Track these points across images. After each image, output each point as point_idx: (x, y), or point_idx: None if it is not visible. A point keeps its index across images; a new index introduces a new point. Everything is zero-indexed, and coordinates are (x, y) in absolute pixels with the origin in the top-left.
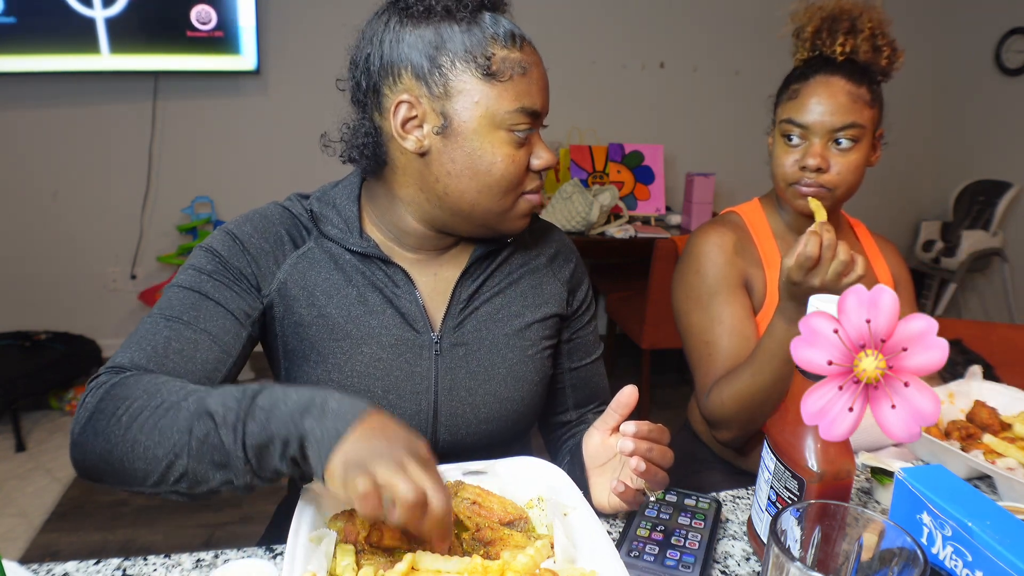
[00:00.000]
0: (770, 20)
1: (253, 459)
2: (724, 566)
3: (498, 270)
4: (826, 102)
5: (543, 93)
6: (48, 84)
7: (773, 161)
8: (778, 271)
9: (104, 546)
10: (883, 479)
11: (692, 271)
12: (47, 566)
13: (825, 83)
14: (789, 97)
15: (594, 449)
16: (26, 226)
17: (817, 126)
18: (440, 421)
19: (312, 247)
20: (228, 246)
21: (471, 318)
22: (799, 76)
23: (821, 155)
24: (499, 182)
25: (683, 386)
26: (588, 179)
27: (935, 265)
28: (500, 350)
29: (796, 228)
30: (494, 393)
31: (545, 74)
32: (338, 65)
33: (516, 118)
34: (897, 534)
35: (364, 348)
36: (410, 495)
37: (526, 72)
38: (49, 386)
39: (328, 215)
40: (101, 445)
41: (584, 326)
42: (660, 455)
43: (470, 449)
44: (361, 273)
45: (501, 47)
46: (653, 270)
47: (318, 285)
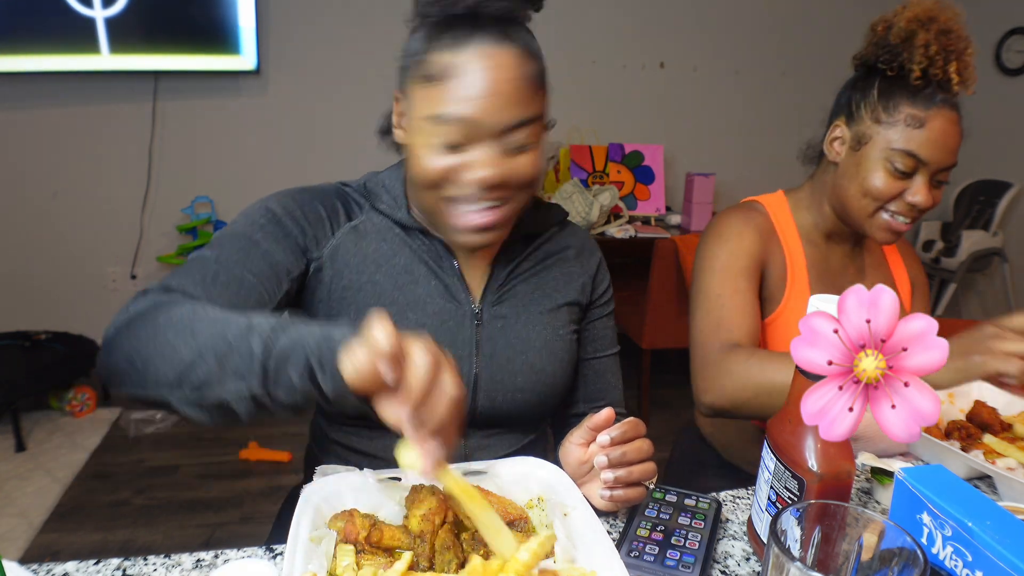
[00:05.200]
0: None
1: (272, 366)
2: (724, 566)
3: (531, 255)
4: (947, 140)
5: (475, 102)
6: (48, 84)
7: (866, 183)
8: (801, 268)
9: (104, 546)
10: (883, 479)
11: (714, 244)
12: (47, 566)
13: (946, 118)
14: (908, 123)
15: (576, 464)
16: (26, 226)
17: (934, 163)
18: (480, 387)
19: (364, 220)
20: (284, 207)
21: (509, 295)
22: (916, 97)
23: (931, 194)
24: (419, 177)
25: (683, 386)
26: (588, 179)
27: (935, 265)
28: (535, 326)
29: (824, 230)
30: (530, 364)
31: (496, 81)
32: (338, 65)
33: (433, 124)
34: (897, 534)
35: (409, 314)
36: (428, 356)
37: (454, 76)
38: (49, 386)
39: (379, 192)
40: (131, 344)
41: (601, 317)
42: (636, 452)
43: (504, 417)
44: (408, 245)
45: (444, 49)
46: (653, 270)
47: (369, 255)
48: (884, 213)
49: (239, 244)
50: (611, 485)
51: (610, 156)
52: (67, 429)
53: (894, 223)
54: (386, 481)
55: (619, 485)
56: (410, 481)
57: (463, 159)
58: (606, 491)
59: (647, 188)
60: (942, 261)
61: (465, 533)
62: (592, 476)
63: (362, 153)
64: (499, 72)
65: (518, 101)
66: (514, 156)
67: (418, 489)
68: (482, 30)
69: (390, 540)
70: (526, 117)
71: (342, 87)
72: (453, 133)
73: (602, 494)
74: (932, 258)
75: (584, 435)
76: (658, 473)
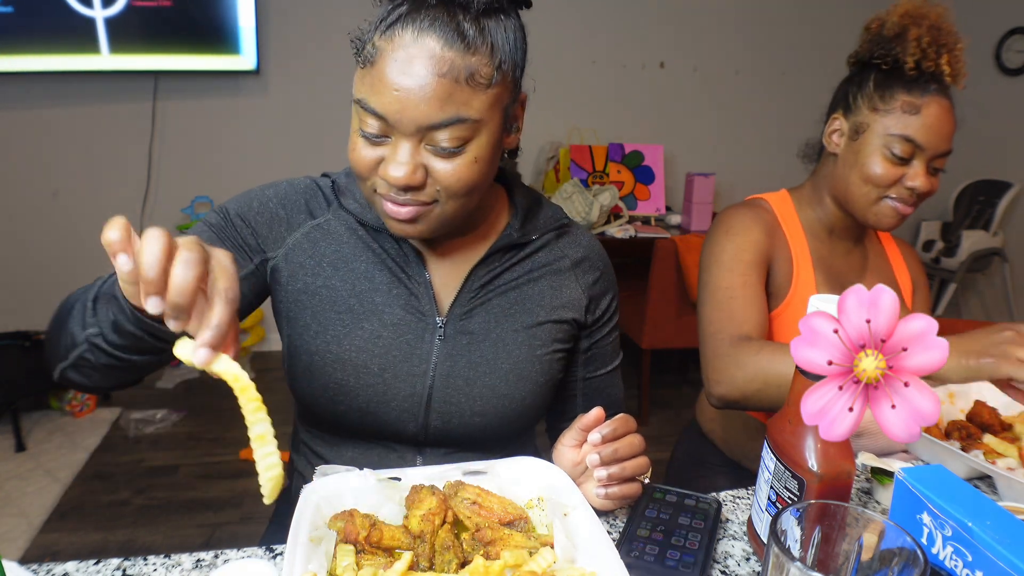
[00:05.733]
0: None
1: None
2: (724, 566)
3: (518, 264)
4: (942, 126)
5: (389, 95)
6: (48, 84)
7: (865, 170)
8: (806, 263)
9: (104, 546)
10: (883, 479)
11: (728, 237)
12: (47, 566)
13: (940, 105)
14: (904, 110)
15: (569, 466)
16: (26, 226)
17: (931, 149)
18: (432, 407)
19: (329, 218)
20: (240, 207)
21: (481, 308)
22: (911, 86)
23: (929, 180)
24: (352, 168)
25: (683, 386)
26: (588, 179)
27: (935, 265)
28: (507, 345)
29: (828, 225)
30: (492, 387)
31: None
32: (337, 65)
33: (357, 110)
34: (897, 534)
35: (365, 324)
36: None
37: (376, 63)
38: (49, 386)
39: (351, 189)
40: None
41: (604, 337)
42: (628, 447)
43: (459, 440)
44: (372, 250)
45: (377, 32)
46: (653, 270)
47: (326, 256)
48: (885, 200)
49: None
50: (605, 483)
51: (610, 156)
52: (67, 429)
53: (896, 208)
54: (386, 481)
55: (613, 482)
56: (410, 481)
57: (383, 152)
58: (601, 489)
59: (647, 188)
60: (942, 261)
61: (465, 533)
62: (587, 477)
63: None
64: (416, 66)
65: (434, 99)
66: (439, 157)
67: (418, 489)
68: (421, 15)
69: (390, 540)
70: (444, 119)
71: (342, 87)
72: (371, 123)
73: (597, 493)
74: (932, 258)
75: (575, 436)
76: (658, 473)
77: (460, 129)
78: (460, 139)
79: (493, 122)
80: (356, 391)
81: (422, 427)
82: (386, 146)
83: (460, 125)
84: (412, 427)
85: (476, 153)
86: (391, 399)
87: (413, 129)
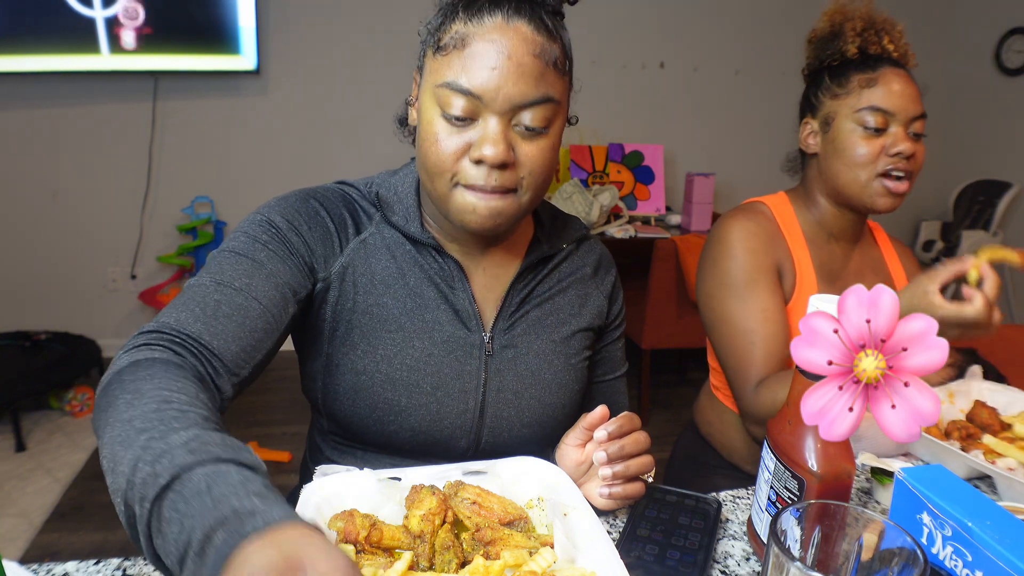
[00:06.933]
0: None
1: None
2: (724, 566)
3: (548, 276)
4: (904, 90)
5: (485, 72)
6: (48, 84)
7: (847, 154)
8: (807, 265)
9: (104, 546)
10: (883, 479)
11: (726, 257)
12: (47, 566)
13: (896, 73)
14: (862, 85)
15: (573, 466)
16: (26, 226)
17: (901, 112)
18: (485, 422)
19: (373, 232)
20: (288, 219)
21: (521, 322)
22: (862, 66)
23: (913, 144)
24: (428, 163)
25: (683, 386)
26: (588, 179)
27: (935, 265)
28: (547, 356)
29: (825, 227)
30: (539, 398)
31: (507, 55)
32: (338, 65)
33: (442, 95)
34: (897, 534)
35: (416, 342)
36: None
37: (466, 45)
38: (49, 386)
39: (392, 202)
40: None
41: (614, 340)
42: (634, 444)
43: (508, 450)
44: (419, 265)
45: (459, 20)
46: (653, 270)
47: (377, 274)
48: (877, 179)
49: (242, 267)
50: (610, 482)
51: (610, 156)
52: (67, 429)
53: (890, 185)
54: (386, 481)
55: (618, 481)
56: (410, 481)
57: (470, 137)
58: (605, 488)
59: (647, 188)
60: (942, 261)
61: (465, 533)
62: (590, 476)
63: (362, 153)
64: (512, 46)
65: (529, 78)
66: (525, 140)
67: (418, 489)
68: (502, 6)
69: (390, 540)
70: (537, 96)
71: (342, 87)
72: (460, 104)
73: (601, 492)
74: (932, 258)
75: (580, 436)
76: (658, 473)
77: (547, 109)
78: (546, 119)
79: (565, 109)
80: (408, 411)
81: (473, 442)
82: (472, 129)
83: (548, 104)
84: (464, 443)
85: (555, 138)
86: (444, 417)
87: (507, 107)
